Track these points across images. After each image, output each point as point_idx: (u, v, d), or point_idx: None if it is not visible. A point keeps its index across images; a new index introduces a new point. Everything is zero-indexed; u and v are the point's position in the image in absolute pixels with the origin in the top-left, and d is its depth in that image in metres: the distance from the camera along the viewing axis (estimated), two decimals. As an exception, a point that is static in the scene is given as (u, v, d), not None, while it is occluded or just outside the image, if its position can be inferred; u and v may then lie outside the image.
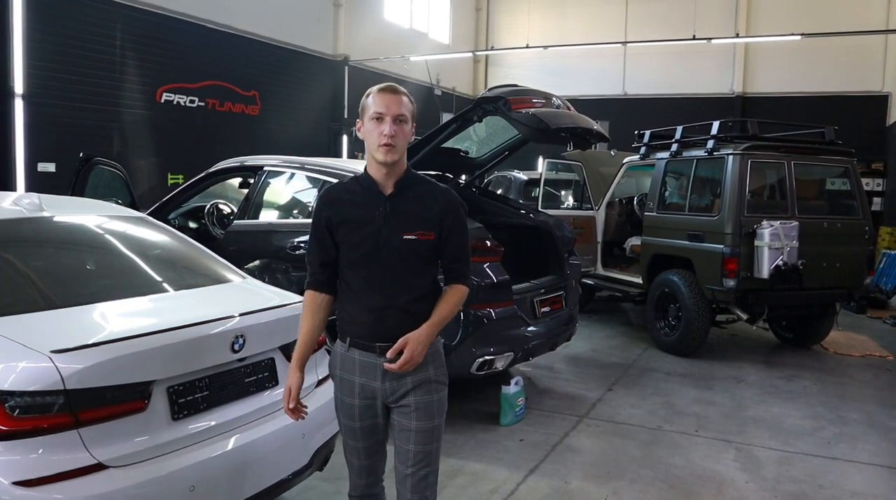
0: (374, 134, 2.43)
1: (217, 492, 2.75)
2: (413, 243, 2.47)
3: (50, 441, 2.35)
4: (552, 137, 5.26)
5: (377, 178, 2.50)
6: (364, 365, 2.53)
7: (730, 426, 5.34)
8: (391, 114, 2.42)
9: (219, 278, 3.63)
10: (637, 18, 17.54)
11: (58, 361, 2.36)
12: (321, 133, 13.91)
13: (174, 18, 10.58)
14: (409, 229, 2.47)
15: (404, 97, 2.48)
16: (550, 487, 4.19)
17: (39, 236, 3.41)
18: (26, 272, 3.09)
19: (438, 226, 2.51)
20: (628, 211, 9.48)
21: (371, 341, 2.50)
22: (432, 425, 2.55)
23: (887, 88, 15.70)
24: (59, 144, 9.04)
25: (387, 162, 2.43)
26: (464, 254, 2.60)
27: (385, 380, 2.51)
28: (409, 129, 2.50)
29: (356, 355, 2.53)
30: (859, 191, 7.56)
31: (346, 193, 2.57)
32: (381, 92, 2.46)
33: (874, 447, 4.99)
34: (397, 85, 2.52)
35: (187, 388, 2.74)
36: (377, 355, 2.50)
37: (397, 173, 2.50)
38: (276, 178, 6.08)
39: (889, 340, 8.49)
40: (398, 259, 2.47)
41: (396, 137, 2.42)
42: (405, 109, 2.46)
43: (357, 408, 2.57)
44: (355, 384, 2.55)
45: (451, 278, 2.59)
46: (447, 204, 2.54)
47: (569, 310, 5.90)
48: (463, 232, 2.59)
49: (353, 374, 2.54)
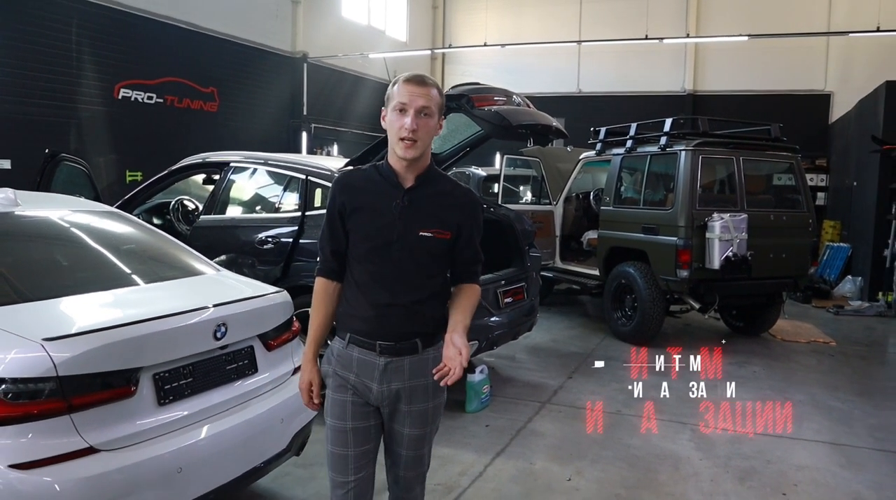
0: (396, 126, 2.27)
1: (203, 474, 2.86)
2: (428, 241, 2.34)
3: (43, 426, 2.44)
4: (513, 133, 5.43)
5: (398, 169, 2.36)
6: (362, 363, 2.40)
7: (685, 409, 5.60)
8: (415, 106, 2.25)
9: (193, 271, 3.72)
10: (591, 17, 17.85)
11: (50, 348, 2.46)
12: (281, 129, 13.90)
13: (132, 14, 10.49)
14: (426, 226, 2.34)
15: (433, 89, 2.30)
16: (516, 468, 4.38)
17: (15, 230, 3.46)
18: (8, 265, 3.14)
19: (456, 226, 2.38)
20: (585, 205, 9.73)
21: (372, 338, 2.37)
22: (425, 431, 2.48)
23: (829, 87, 16.28)
24: (15, 140, 8.93)
25: (406, 158, 2.29)
26: (479, 257, 2.50)
27: (383, 381, 2.38)
28: (435, 123, 2.32)
29: (355, 353, 2.40)
30: (803, 186, 7.93)
31: (363, 180, 2.42)
32: (407, 82, 2.29)
33: (817, 426, 5.30)
34: (426, 75, 2.34)
35: (172, 375, 2.85)
36: (377, 354, 2.37)
37: (419, 167, 2.36)
38: (242, 174, 6.15)
39: (832, 327, 8.91)
40: (409, 256, 2.34)
41: (419, 131, 2.26)
42: (432, 101, 2.28)
43: (350, 405, 2.42)
44: (349, 381, 2.42)
45: (465, 278, 2.49)
46: (469, 205, 2.43)
47: (530, 301, 6.09)
48: (479, 234, 2.48)
49: (349, 371, 2.41)
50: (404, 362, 2.38)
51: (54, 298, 2.92)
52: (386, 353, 2.37)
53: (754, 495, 4.10)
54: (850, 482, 4.31)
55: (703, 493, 4.11)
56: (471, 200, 2.45)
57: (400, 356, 2.38)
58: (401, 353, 2.38)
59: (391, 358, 2.38)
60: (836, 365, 7.14)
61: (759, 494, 4.11)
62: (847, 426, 5.33)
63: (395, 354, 2.38)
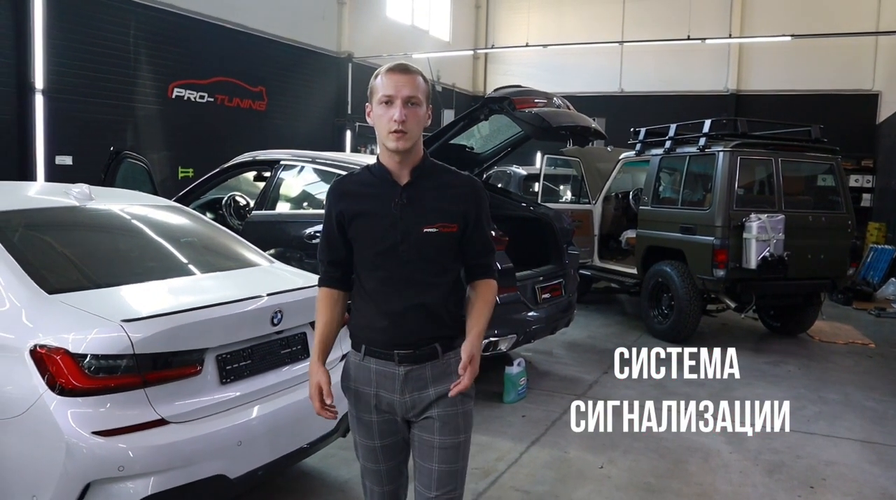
0: (384, 120, 2.17)
1: (259, 448, 3.11)
2: (434, 237, 2.22)
3: (121, 398, 2.71)
4: (553, 134, 5.64)
5: (390, 167, 2.25)
6: (381, 375, 2.28)
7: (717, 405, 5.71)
8: (401, 96, 2.15)
9: (250, 262, 3.99)
10: (634, 17, 17.88)
11: (128, 329, 2.73)
12: (326, 128, 14.25)
13: (185, 16, 10.91)
14: (430, 222, 2.22)
15: (417, 77, 2.20)
16: (551, 456, 4.57)
17: (90, 222, 3.77)
18: (84, 254, 3.45)
19: (462, 217, 2.26)
20: (624, 205, 9.85)
21: (388, 348, 2.26)
22: (458, 440, 2.30)
23: (878, 87, 16.06)
24: (76, 137, 9.39)
25: (398, 150, 2.18)
26: (490, 247, 2.38)
27: (405, 392, 2.27)
28: (424, 112, 2.22)
29: (372, 365, 2.30)
30: (843, 187, 7.95)
31: (357, 184, 2.31)
32: (391, 72, 2.19)
33: (850, 424, 5.38)
34: (409, 63, 2.23)
35: (233, 356, 3.11)
36: (395, 364, 2.26)
37: (413, 161, 2.24)
38: (291, 171, 6.43)
39: (872, 329, 8.88)
40: (418, 256, 2.23)
41: (408, 121, 2.15)
42: (418, 90, 2.18)
43: (376, 425, 2.33)
44: (371, 397, 2.31)
45: (479, 273, 2.37)
46: (471, 193, 2.30)
47: (567, 297, 6.27)
48: (488, 223, 2.36)
49: (370, 386, 2.31)
50: (426, 369, 2.27)
51: (125, 284, 3.20)
52: (405, 361, 2.26)
53: (782, 487, 4.22)
54: (879, 478, 4.41)
55: (731, 484, 4.25)
56: (473, 188, 2.32)
57: (420, 364, 2.26)
58: (421, 360, 2.26)
59: (411, 367, 2.26)
60: (874, 367, 7.16)
61: (786, 486, 4.24)
62: (880, 426, 5.40)
63: (414, 362, 2.26)
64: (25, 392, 2.67)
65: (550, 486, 4.14)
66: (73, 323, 2.75)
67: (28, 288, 2.90)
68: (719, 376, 6.46)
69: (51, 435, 2.62)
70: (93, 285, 3.11)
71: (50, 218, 3.61)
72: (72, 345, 2.66)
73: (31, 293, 2.88)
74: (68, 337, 2.68)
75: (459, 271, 2.36)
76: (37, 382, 2.66)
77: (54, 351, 2.66)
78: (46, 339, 2.69)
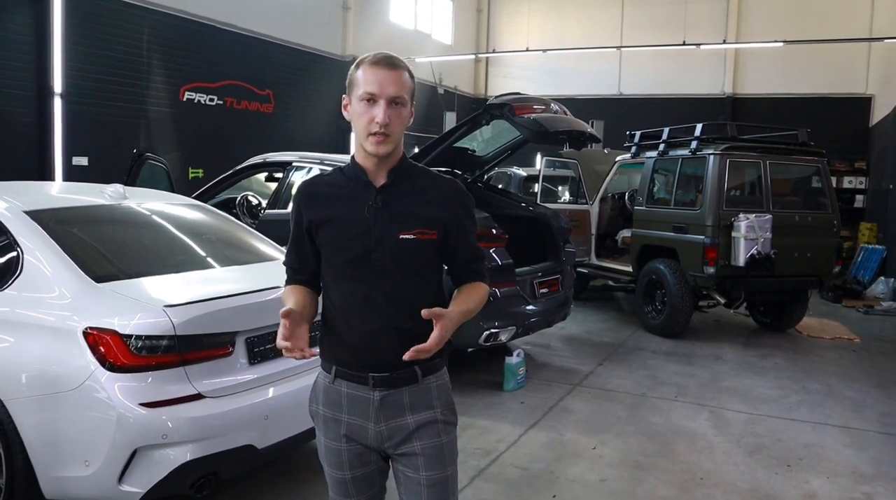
0: (364, 119, 1.94)
1: (284, 423, 3.45)
2: (411, 244, 1.99)
3: (164, 375, 3.06)
4: (550, 138, 5.99)
5: (366, 166, 2.02)
6: (353, 400, 2.04)
7: (705, 393, 6.07)
8: (386, 95, 1.92)
9: (269, 256, 4.33)
10: (632, 21, 18.22)
11: (170, 313, 3.07)
12: (330, 130, 14.58)
13: (196, 22, 11.25)
14: (407, 228, 1.99)
15: (404, 73, 1.98)
16: (548, 438, 4.91)
17: (125, 219, 4.12)
18: (123, 247, 3.81)
19: (442, 224, 2.03)
20: (620, 205, 10.19)
21: (361, 370, 2.02)
22: (445, 474, 2.08)
23: (871, 90, 16.37)
24: (92, 139, 9.73)
25: (378, 154, 1.96)
26: (478, 254, 2.14)
27: (381, 420, 2.03)
28: (408, 113, 2.00)
29: (343, 388, 2.06)
30: (829, 188, 8.30)
31: (328, 186, 2.09)
32: (375, 66, 1.94)
33: (829, 411, 5.72)
34: (395, 56, 1.99)
35: (260, 339, 3.45)
36: (370, 388, 2.02)
37: (391, 162, 2.02)
38: (302, 172, 6.78)
39: (860, 326, 9.22)
40: (393, 265, 1.99)
41: (391, 124, 1.93)
42: (404, 88, 1.96)
43: (345, 454, 2.08)
44: (342, 425, 2.07)
45: (466, 278, 2.12)
46: (453, 197, 2.08)
47: (564, 292, 6.62)
48: (473, 230, 2.14)
49: (340, 411, 2.07)
50: (403, 394, 2.03)
51: (160, 274, 3.55)
52: (380, 385, 2.02)
53: (761, 465, 4.56)
54: (852, 458, 4.75)
55: (714, 462, 4.59)
56: (455, 192, 2.09)
57: (397, 388, 2.03)
58: (397, 384, 2.02)
59: (387, 391, 2.02)
60: (857, 360, 7.49)
61: (765, 465, 4.57)
62: (858, 413, 5.73)
63: (390, 386, 2.02)
64: (79, 369, 3.01)
65: (547, 464, 4.47)
66: (121, 308, 3.09)
67: (78, 277, 3.24)
68: (709, 368, 6.86)
69: (102, 407, 2.96)
70: (132, 275, 3.45)
71: (91, 215, 3.97)
72: (120, 327, 3.00)
73: (81, 282, 3.23)
74: (117, 320, 3.02)
75: (439, 283, 2.11)
76: (89, 360, 3.00)
77: (105, 332, 3.00)
78: (97, 322, 3.03)
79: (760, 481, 4.32)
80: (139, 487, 2.99)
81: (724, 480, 4.32)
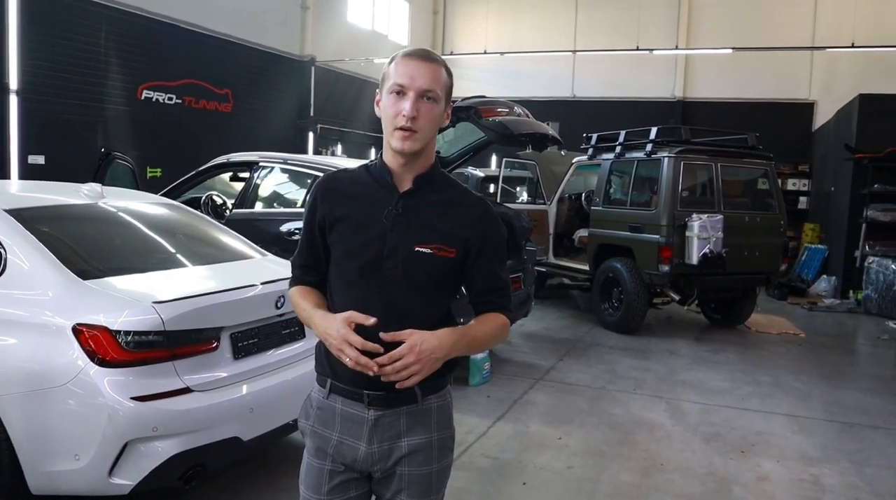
0: (391, 112, 1.82)
1: (268, 415, 3.55)
2: (426, 259, 1.85)
3: (153, 369, 3.13)
4: (514, 140, 6.19)
5: (392, 167, 1.89)
6: (347, 419, 1.92)
7: (662, 386, 6.34)
8: (415, 87, 1.80)
9: (246, 254, 4.43)
10: (586, 25, 18.61)
11: (159, 309, 3.15)
12: (289, 130, 14.59)
13: (155, 20, 11.17)
14: (425, 240, 1.85)
15: (440, 68, 1.87)
16: (514, 430, 5.10)
17: (103, 217, 4.16)
18: (104, 245, 3.87)
19: (463, 243, 1.89)
20: (577, 206, 10.48)
21: (357, 386, 1.88)
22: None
23: (813, 96, 17.05)
24: (48, 137, 9.60)
25: (403, 151, 1.83)
26: (499, 284, 1.97)
27: (373, 441, 1.90)
28: (441, 111, 1.87)
29: (338, 405, 1.93)
30: (776, 190, 8.70)
31: (349, 183, 1.96)
32: (408, 58, 1.84)
33: (778, 401, 6.04)
34: (431, 51, 1.91)
35: (244, 334, 3.55)
36: (364, 406, 1.89)
37: (420, 167, 1.89)
38: (267, 172, 6.85)
39: (804, 321, 9.67)
40: (405, 278, 1.85)
41: (420, 119, 1.80)
42: (438, 83, 1.84)
43: (326, 476, 1.94)
44: (331, 444, 1.94)
45: (486, 308, 1.97)
46: (480, 218, 1.93)
47: (526, 290, 6.82)
48: (499, 258, 1.97)
49: (332, 429, 1.93)
50: (400, 414, 1.91)
51: (144, 272, 3.62)
52: (376, 404, 1.89)
53: (717, 452, 4.82)
54: (800, 443, 5.05)
55: (673, 450, 4.83)
56: (484, 213, 1.94)
57: (394, 408, 1.90)
58: (394, 404, 1.90)
59: (383, 411, 1.90)
60: (803, 353, 7.88)
61: (721, 451, 4.83)
62: (805, 402, 6.07)
63: (387, 405, 1.90)
64: (69, 365, 3.07)
65: (515, 454, 4.66)
66: (110, 304, 3.16)
67: (64, 275, 3.30)
68: (665, 362, 7.15)
69: (93, 401, 3.03)
70: (117, 273, 3.52)
71: (72, 213, 4.00)
72: (110, 323, 3.07)
73: (68, 279, 3.29)
74: (107, 317, 3.09)
75: (450, 306, 1.97)
76: (79, 355, 3.07)
77: (95, 329, 3.07)
78: (86, 318, 3.10)
79: (716, 465, 4.58)
80: (130, 479, 3.07)
81: (682, 465, 4.57)
